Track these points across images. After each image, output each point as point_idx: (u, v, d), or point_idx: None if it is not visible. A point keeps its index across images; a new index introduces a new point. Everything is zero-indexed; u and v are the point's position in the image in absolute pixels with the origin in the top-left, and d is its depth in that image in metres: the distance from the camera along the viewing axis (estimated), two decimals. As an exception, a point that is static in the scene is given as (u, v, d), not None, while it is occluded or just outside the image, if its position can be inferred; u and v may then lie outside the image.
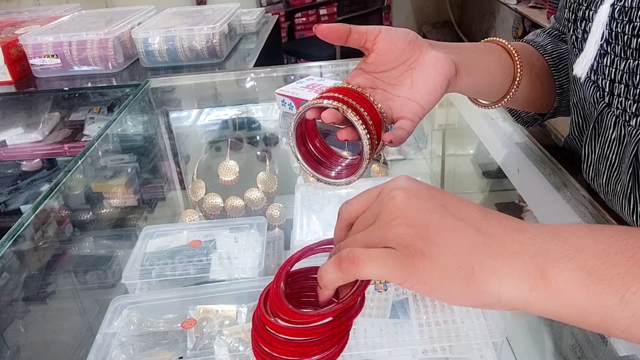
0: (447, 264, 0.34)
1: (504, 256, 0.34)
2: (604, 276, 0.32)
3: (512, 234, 0.35)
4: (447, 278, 0.34)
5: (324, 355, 0.49)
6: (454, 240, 0.35)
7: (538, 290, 0.33)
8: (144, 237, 0.85)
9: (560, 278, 0.33)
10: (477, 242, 0.35)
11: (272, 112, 1.29)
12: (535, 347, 0.75)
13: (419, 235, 0.35)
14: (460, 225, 0.36)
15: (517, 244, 0.35)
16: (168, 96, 1.36)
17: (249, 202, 0.98)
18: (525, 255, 0.34)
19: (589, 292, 0.33)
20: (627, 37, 0.55)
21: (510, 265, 0.34)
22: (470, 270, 0.34)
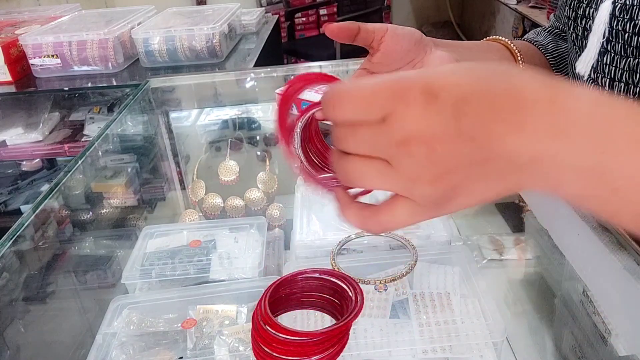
0: (473, 200, 0.34)
1: (529, 174, 0.32)
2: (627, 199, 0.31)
3: (543, 144, 0.31)
4: (473, 204, 0.34)
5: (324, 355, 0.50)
6: (479, 178, 0.33)
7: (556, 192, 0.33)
8: (144, 237, 0.85)
9: (579, 192, 0.32)
10: (504, 168, 0.32)
11: (272, 112, 1.29)
12: (535, 347, 0.75)
13: (443, 187, 0.33)
14: (488, 159, 0.32)
15: (547, 157, 0.31)
16: (168, 96, 1.36)
17: (249, 202, 0.98)
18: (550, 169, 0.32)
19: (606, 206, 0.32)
20: (628, 35, 0.55)
21: (532, 181, 0.33)
22: (496, 195, 0.34)
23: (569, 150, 0.31)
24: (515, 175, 0.33)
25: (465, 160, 0.32)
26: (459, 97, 0.31)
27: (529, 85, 0.32)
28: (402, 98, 0.32)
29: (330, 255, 0.62)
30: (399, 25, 0.56)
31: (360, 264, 0.72)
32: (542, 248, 0.88)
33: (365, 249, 0.76)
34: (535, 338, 0.76)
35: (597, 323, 0.62)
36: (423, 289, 0.68)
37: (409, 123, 0.31)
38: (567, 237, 0.66)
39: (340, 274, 0.58)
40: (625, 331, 0.56)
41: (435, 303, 0.66)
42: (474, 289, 0.67)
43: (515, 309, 0.82)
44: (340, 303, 0.57)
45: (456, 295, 0.67)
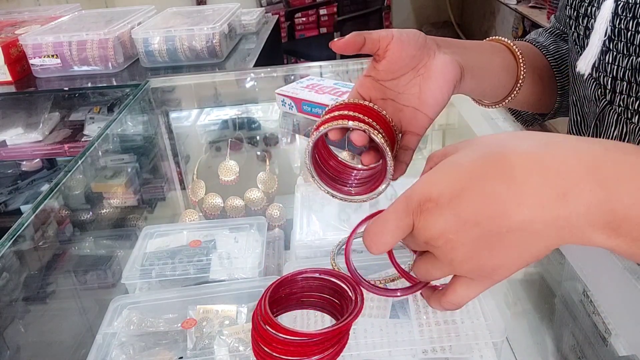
0: (513, 269, 0.38)
1: (552, 237, 0.36)
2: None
3: (553, 210, 0.35)
4: (518, 269, 0.39)
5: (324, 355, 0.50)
6: (510, 255, 0.37)
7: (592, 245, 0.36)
8: (144, 237, 0.85)
9: (607, 244, 0.35)
10: (526, 242, 0.36)
11: (272, 112, 1.29)
12: (535, 347, 0.75)
13: (481, 265, 0.38)
14: (505, 239, 0.36)
15: (561, 221, 0.35)
16: (168, 96, 1.36)
17: (249, 202, 0.98)
18: (572, 230, 0.35)
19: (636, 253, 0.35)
20: (631, 34, 0.55)
21: (561, 240, 0.36)
22: (534, 258, 0.37)
23: (580, 213, 0.34)
24: (539, 240, 0.36)
25: (481, 241, 0.37)
26: (452, 194, 0.37)
27: (517, 159, 0.36)
28: (411, 214, 0.40)
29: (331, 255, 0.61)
30: (399, 25, 0.55)
31: (360, 264, 0.71)
32: (542, 248, 0.88)
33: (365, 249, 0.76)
34: (535, 338, 0.76)
35: (597, 323, 0.62)
36: (423, 289, 0.68)
37: (426, 232, 0.39)
38: (567, 237, 0.65)
39: (340, 273, 0.58)
40: (625, 331, 0.56)
41: (435, 303, 0.66)
42: (474, 289, 0.67)
43: (515, 309, 0.82)
44: (340, 303, 0.57)
45: (456, 295, 0.67)
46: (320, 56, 3.38)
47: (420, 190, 0.39)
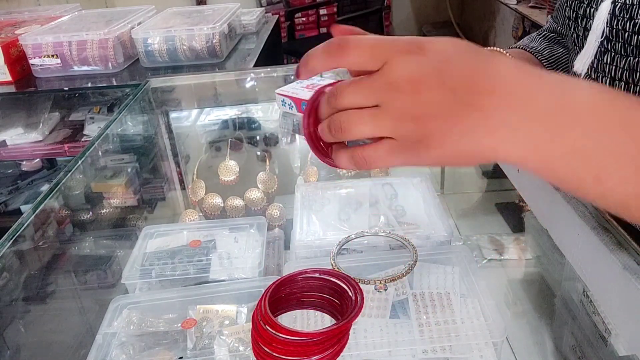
0: (450, 151, 0.38)
1: (502, 133, 0.37)
2: (587, 157, 0.37)
3: (513, 109, 0.37)
4: (449, 159, 0.39)
5: (324, 355, 0.50)
6: (456, 129, 0.37)
7: (530, 159, 0.38)
8: (144, 237, 0.85)
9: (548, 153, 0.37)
10: (479, 125, 0.37)
11: (272, 112, 1.29)
12: (535, 347, 0.75)
13: (424, 131, 0.38)
14: (464, 112, 0.37)
15: (515, 120, 0.37)
16: (168, 96, 1.36)
17: (249, 202, 0.98)
18: (522, 132, 0.37)
19: (571, 170, 0.37)
20: (628, 35, 0.55)
21: (505, 141, 0.37)
22: (471, 151, 0.38)
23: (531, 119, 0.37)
24: (487, 136, 0.37)
25: (444, 108, 0.37)
26: (445, 57, 0.38)
27: (504, 63, 0.38)
28: (397, 49, 0.38)
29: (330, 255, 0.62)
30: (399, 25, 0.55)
31: (360, 264, 0.72)
32: (542, 248, 0.88)
33: (365, 249, 0.76)
34: (535, 338, 0.76)
35: (597, 323, 0.62)
36: (423, 289, 0.68)
37: (401, 68, 0.38)
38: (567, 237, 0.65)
39: (340, 273, 0.58)
40: (625, 331, 0.56)
41: (435, 303, 0.66)
42: (474, 289, 0.67)
43: (515, 309, 0.82)
44: (340, 303, 0.57)
45: (456, 295, 0.67)
46: (320, 56, 3.37)
47: (412, 38, 0.39)
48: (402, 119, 0.38)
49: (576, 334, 0.67)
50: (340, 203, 0.86)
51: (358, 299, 0.54)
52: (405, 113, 0.38)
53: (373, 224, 0.80)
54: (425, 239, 0.76)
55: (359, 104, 0.39)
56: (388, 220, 0.80)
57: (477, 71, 0.38)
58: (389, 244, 0.76)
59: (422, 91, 0.37)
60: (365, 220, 0.81)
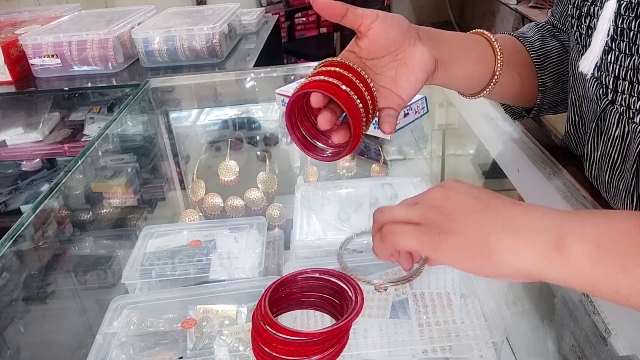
0: (467, 241, 0.42)
1: (521, 232, 0.41)
2: (610, 248, 0.38)
3: (532, 215, 0.42)
4: (467, 252, 0.42)
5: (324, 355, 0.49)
6: (476, 222, 0.43)
7: (551, 259, 0.40)
8: (144, 237, 0.85)
9: (572, 249, 0.39)
10: (497, 223, 0.42)
11: (272, 112, 1.29)
12: (535, 347, 0.75)
13: (447, 218, 0.44)
14: (484, 210, 0.43)
15: (534, 222, 0.41)
16: (168, 96, 1.36)
17: (249, 202, 0.98)
18: (541, 229, 0.41)
19: (595, 262, 0.39)
20: (633, 33, 0.55)
21: (526, 239, 0.41)
22: (487, 245, 0.41)
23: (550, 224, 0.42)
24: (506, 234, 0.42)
25: (467, 204, 0.45)
26: (467, 192, 0.46)
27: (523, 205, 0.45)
28: (427, 192, 0.48)
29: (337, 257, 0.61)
30: None
31: (360, 264, 0.72)
32: (542, 248, 0.88)
33: (366, 248, 0.76)
34: (535, 338, 0.76)
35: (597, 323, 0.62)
36: (423, 289, 0.68)
37: (433, 198, 0.47)
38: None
39: (340, 273, 0.58)
40: (625, 331, 0.56)
41: (435, 303, 0.66)
42: (474, 289, 0.67)
43: (515, 309, 0.82)
44: (340, 303, 0.57)
45: (456, 295, 0.67)
46: (320, 56, 3.36)
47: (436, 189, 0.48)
48: (430, 208, 0.46)
49: (576, 334, 0.67)
50: (340, 203, 0.86)
51: (358, 299, 0.54)
52: (434, 204, 0.46)
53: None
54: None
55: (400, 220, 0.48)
56: (388, 220, 0.80)
57: (501, 196, 0.46)
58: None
59: (449, 193, 0.46)
60: (365, 220, 0.81)
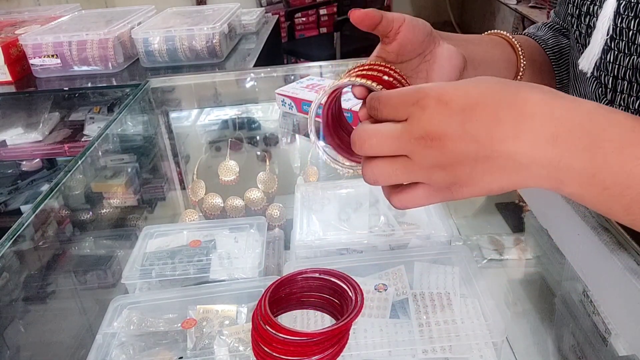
0: (482, 190, 0.41)
1: (530, 172, 0.39)
2: (617, 194, 0.38)
3: (542, 150, 0.38)
4: (483, 194, 0.42)
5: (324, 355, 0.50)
6: (485, 171, 0.40)
7: (559, 192, 0.40)
8: (144, 237, 0.85)
9: (576, 191, 0.39)
10: (507, 166, 0.39)
11: (272, 112, 1.29)
12: (535, 347, 0.75)
13: (455, 175, 0.40)
14: (491, 156, 0.39)
15: (545, 160, 0.38)
16: (168, 96, 1.36)
17: (249, 202, 0.98)
18: (550, 171, 0.39)
19: (600, 202, 0.39)
20: (632, 33, 0.55)
21: (534, 179, 0.40)
22: (502, 188, 0.41)
23: (563, 156, 0.38)
24: (517, 174, 0.39)
25: (471, 156, 0.39)
26: (466, 105, 0.39)
27: (530, 98, 0.39)
28: (420, 104, 0.40)
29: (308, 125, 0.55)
30: None
31: (360, 264, 0.72)
32: (542, 248, 0.88)
33: (365, 248, 0.76)
34: (535, 338, 0.76)
35: (597, 323, 0.62)
36: (423, 289, 0.68)
37: (425, 123, 0.40)
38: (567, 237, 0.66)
39: (340, 273, 0.58)
40: (625, 331, 0.56)
41: (435, 303, 0.66)
42: (474, 289, 0.67)
43: (515, 309, 0.82)
44: (340, 303, 0.57)
45: (456, 295, 0.67)
46: (320, 56, 3.38)
47: (434, 87, 0.41)
48: (432, 169, 0.40)
49: (576, 334, 0.67)
50: (340, 203, 0.86)
51: (358, 299, 0.54)
52: (435, 164, 0.40)
53: (373, 224, 0.80)
54: (425, 239, 0.76)
55: (387, 154, 0.42)
56: (388, 220, 0.80)
57: (502, 116, 0.39)
58: (389, 244, 0.76)
59: (447, 144, 0.39)
60: (365, 220, 0.81)
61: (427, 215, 0.81)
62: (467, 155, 0.39)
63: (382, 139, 0.41)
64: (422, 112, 0.40)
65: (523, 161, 0.38)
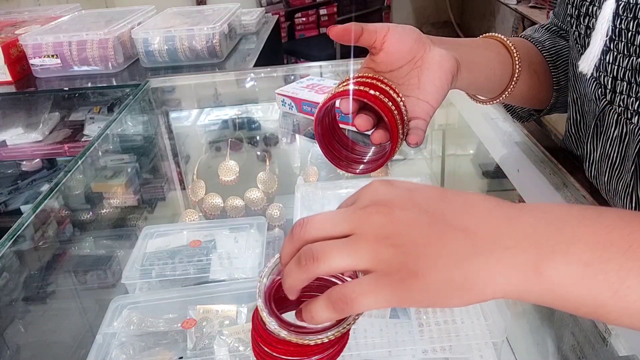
0: (439, 278, 0.33)
1: (496, 254, 0.33)
2: (599, 271, 0.32)
3: (502, 227, 0.34)
4: (442, 291, 0.34)
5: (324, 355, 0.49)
6: (443, 251, 0.34)
7: (531, 284, 0.33)
8: (144, 237, 0.85)
9: (554, 273, 0.32)
10: (467, 246, 0.34)
11: (272, 112, 1.29)
12: (535, 347, 0.75)
13: (407, 255, 0.34)
14: (447, 232, 0.34)
15: (508, 238, 0.33)
16: (168, 96, 1.36)
17: (249, 202, 0.98)
18: (518, 249, 0.33)
19: (583, 286, 0.32)
20: (631, 34, 0.55)
21: (503, 263, 0.33)
22: (463, 278, 0.33)
23: (527, 230, 0.33)
24: (479, 256, 0.33)
25: (422, 227, 0.34)
26: (412, 187, 0.37)
27: (477, 194, 0.37)
28: (365, 187, 0.38)
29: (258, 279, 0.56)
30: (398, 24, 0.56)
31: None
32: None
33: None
34: (535, 338, 0.76)
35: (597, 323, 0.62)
36: (423, 289, 0.68)
37: (372, 194, 0.37)
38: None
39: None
40: (625, 331, 0.56)
41: (435, 303, 0.66)
42: (474, 289, 0.67)
43: (515, 309, 0.82)
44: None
45: (456, 295, 0.67)
46: (320, 56, 3.38)
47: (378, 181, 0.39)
48: (379, 242, 0.34)
49: (576, 334, 0.67)
50: (340, 202, 0.86)
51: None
52: (382, 236, 0.34)
53: (373, 224, 0.80)
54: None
55: (330, 233, 0.36)
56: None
57: (451, 199, 0.36)
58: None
59: (394, 211, 0.35)
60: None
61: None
62: (418, 225, 0.34)
63: (324, 217, 0.37)
64: (367, 189, 0.38)
65: (483, 239, 0.33)
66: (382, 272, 0.34)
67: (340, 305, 0.36)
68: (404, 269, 0.34)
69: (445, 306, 0.37)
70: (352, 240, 0.35)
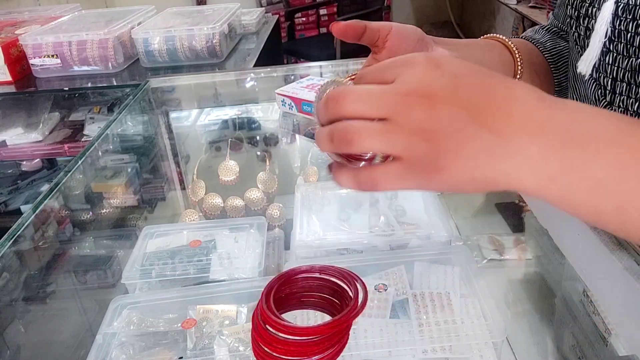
0: (463, 177, 0.36)
1: (518, 160, 0.35)
2: (611, 190, 0.34)
3: (531, 135, 0.35)
4: (460, 185, 0.36)
5: (324, 355, 0.49)
6: (470, 151, 0.35)
7: (547, 190, 0.35)
8: (144, 237, 0.85)
9: (567, 185, 0.35)
10: (494, 148, 0.35)
11: (272, 112, 1.29)
12: (535, 347, 0.75)
13: (438, 152, 0.35)
14: (482, 134, 0.35)
15: (533, 147, 0.35)
16: (168, 96, 1.36)
17: (249, 202, 0.98)
18: (540, 160, 0.35)
19: (590, 202, 0.35)
20: (631, 35, 0.55)
21: (522, 169, 0.35)
22: (484, 178, 0.36)
23: (553, 146, 0.35)
24: (503, 162, 0.35)
25: (459, 126, 0.35)
26: (459, 73, 0.36)
27: (520, 86, 0.37)
28: (410, 63, 0.36)
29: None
30: None
31: (360, 264, 0.72)
32: (542, 248, 0.88)
33: (365, 248, 0.76)
34: (535, 338, 0.76)
35: (597, 323, 0.62)
36: (423, 289, 0.68)
37: (414, 80, 0.36)
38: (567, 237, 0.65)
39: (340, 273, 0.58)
40: (625, 331, 0.56)
41: (435, 303, 0.66)
42: (474, 289, 0.67)
43: (515, 309, 0.82)
44: (340, 303, 0.57)
45: (456, 295, 0.67)
46: (320, 56, 3.38)
47: (426, 53, 0.39)
48: (414, 135, 0.35)
49: (576, 334, 0.67)
50: (340, 203, 0.86)
51: (359, 297, 0.54)
52: (418, 129, 0.35)
53: (373, 224, 0.80)
54: (425, 239, 0.76)
55: (366, 115, 0.36)
56: (388, 220, 0.80)
57: (494, 92, 0.36)
58: (389, 244, 0.76)
59: (436, 106, 0.35)
60: (365, 220, 0.81)
61: (427, 215, 0.81)
62: (455, 124, 0.35)
63: (361, 95, 0.36)
64: (412, 69, 0.36)
65: (511, 145, 0.35)
66: (409, 162, 0.36)
67: (366, 185, 0.38)
68: (432, 164, 0.35)
69: (457, 192, 0.39)
70: (388, 129, 0.36)
